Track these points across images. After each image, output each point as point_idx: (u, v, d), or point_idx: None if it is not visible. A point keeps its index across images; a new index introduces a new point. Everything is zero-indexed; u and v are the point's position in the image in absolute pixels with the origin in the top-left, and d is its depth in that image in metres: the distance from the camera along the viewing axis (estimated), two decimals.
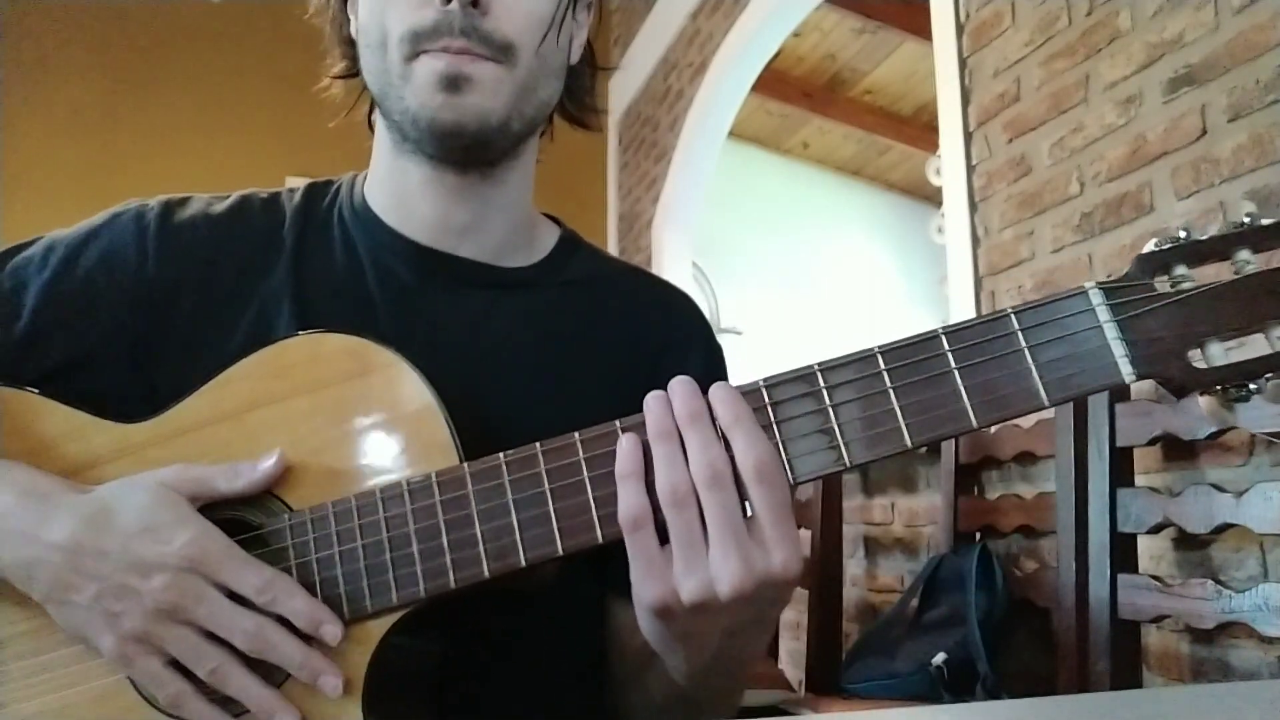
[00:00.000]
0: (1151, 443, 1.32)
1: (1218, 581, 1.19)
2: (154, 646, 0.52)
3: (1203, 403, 0.45)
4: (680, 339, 0.76)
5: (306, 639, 0.53)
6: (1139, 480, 1.37)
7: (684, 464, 0.47)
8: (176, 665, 0.53)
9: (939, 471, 1.86)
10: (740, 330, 4.40)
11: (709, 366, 0.76)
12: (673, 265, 3.67)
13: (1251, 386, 0.43)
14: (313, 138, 4.01)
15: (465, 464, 0.53)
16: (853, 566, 2.27)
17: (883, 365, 0.46)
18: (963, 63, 1.99)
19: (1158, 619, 1.28)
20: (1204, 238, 0.44)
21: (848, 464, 0.47)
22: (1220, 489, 1.21)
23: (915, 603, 1.76)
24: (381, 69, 0.65)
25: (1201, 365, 0.43)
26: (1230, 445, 1.30)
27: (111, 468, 0.59)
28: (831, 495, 2.02)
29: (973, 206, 1.93)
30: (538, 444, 0.51)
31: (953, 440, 1.78)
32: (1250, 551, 1.27)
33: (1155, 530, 1.30)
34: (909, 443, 0.46)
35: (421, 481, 0.53)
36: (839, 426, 0.47)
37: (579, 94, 0.76)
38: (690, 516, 0.46)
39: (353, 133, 0.79)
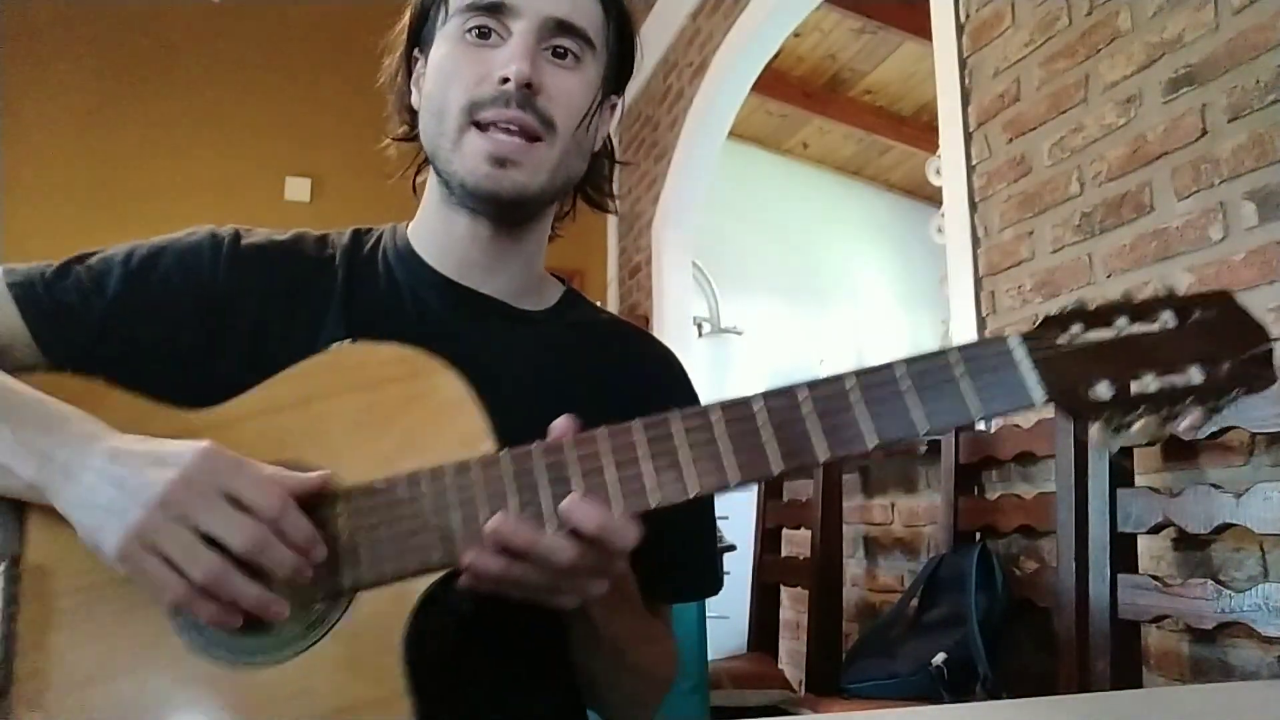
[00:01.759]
0: (1151, 442, 1.32)
1: (1218, 581, 1.19)
2: (154, 546, 0.56)
3: (1093, 430, 0.58)
4: (666, 384, 0.87)
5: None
6: (1139, 480, 1.37)
7: (538, 572, 0.58)
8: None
9: (939, 471, 1.86)
10: (740, 330, 4.39)
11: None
12: (673, 265, 3.67)
13: (1129, 419, 0.57)
14: (313, 138, 4.02)
15: (505, 450, 0.60)
16: (853, 566, 2.27)
17: (850, 384, 0.59)
18: (963, 63, 1.99)
19: (1158, 619, 1.28)
20: (1092, 308, 0.59)
21: (818, 460, 0.59)
22: (1220, 489, 1.21)
23: (915, 603, 1.76)
24: (437, 133, 0.76)
25: (1093, 399, 0.57)
26: (1230, 445, 1.30)
27: None
28: (831, 495, 2.02)
29: (973, 206, 1.93)
30: (564, 440, 0.60)
31: (953, 440, 1.79)
32: (1250, 551, 1.27)
33: (1155, 530, 1.30)
34: (871, 443, 0.58)
35: (463, 463, 0.60)
36: (814, 419, 0.58)
37: (598, 180, 0.88)
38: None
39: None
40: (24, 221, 3.43)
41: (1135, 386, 0.57)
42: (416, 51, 0.82)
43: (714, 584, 0.86)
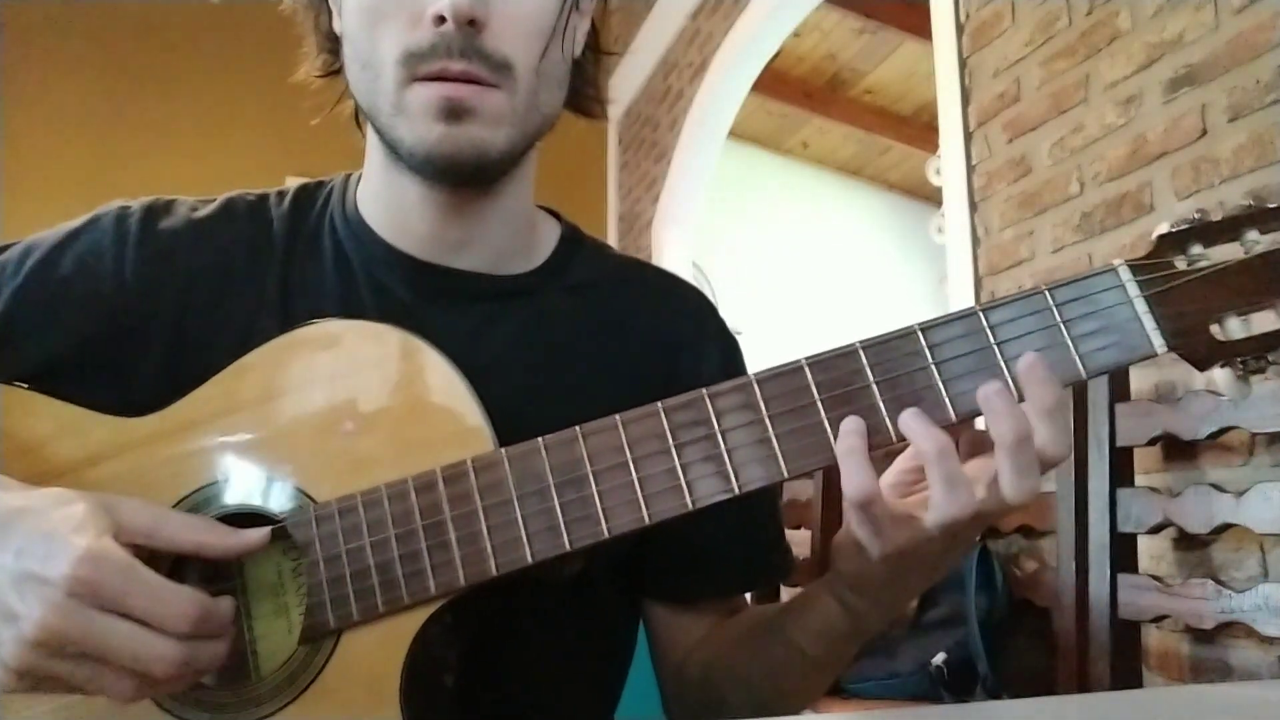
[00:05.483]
0: (1151, 443, 1.32)
1: (1218, 581, 1.19)
2: (45, 677, 0.46)
3: (1221, 376, 0.47)
4: (694, 335, 0.74)
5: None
6: (1139, 480, 1.37)
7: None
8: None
9: None
10: (740, 330, 4.37)
11: (726, 360, 0.75)
12: (673, 265, 3.66)
13: (1270, 358, 0.46)
14: (313, 138, 4.01)
15: (503, 449, 0.51)
16: None
17: (923, 342, 0.50)
18: (963, 63, 1.99)
19: (1158, 619, 1.28)
20: (1216, 219, 0.47)
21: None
22: (1220, 489, 1.21)
23: (915, 602, 1.76)
24: (371, 89, 0.61)
25: (1221, 339, 0.46)
26: (1230, 445, 1.30)
27: (112, 464, 0.56)
28: (832, 495, 2.01)
29: (973, 206, 1.93)
30: (577, 428, 0.50)
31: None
32: (1250, 551, 1.27)
33: (1155, 530, 1.30)
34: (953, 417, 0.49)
35: (456, 468, 0.51)
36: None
37: (583, 85, 0.72)
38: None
39: (350, 130, 0.77)
40: (24, 221, 3.43)
41: (1272, 318, 0.45)
42: None
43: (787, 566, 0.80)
